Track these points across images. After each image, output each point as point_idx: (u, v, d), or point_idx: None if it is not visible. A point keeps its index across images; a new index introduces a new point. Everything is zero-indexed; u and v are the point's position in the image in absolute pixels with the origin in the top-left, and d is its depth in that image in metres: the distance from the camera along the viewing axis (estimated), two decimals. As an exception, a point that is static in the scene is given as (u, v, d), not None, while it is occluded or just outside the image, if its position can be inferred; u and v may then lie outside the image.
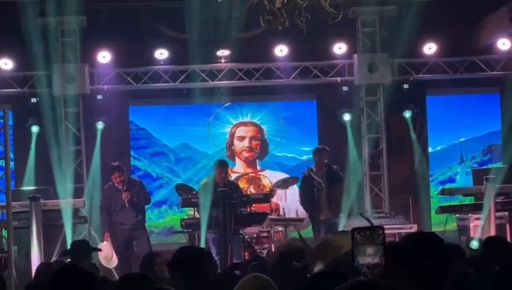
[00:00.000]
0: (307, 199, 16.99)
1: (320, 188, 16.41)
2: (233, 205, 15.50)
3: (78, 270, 4.84)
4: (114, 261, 15.85)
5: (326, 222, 16.57)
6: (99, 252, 15.56)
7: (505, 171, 16.48)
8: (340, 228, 16.10)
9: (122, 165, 16.74)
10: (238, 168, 19.24)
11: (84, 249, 11.78)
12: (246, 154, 19.64)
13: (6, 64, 18.25)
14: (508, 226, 16.27)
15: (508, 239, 14.65)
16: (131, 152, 19.27)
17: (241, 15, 13.20)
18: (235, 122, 19.59)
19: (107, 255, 15.95)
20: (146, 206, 17.05)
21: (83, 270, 4.86)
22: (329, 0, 10.65)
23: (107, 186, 16.68)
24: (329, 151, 16.98)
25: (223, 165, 16.20)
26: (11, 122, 15.30)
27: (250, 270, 11.41)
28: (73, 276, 4.73)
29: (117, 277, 13.58)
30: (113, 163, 16.62)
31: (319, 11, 10.78)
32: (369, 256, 4.54)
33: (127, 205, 16.29)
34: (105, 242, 16.23)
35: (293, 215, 18.39)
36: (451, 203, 17.27)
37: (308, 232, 17.64)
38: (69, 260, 11.73)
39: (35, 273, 9.66)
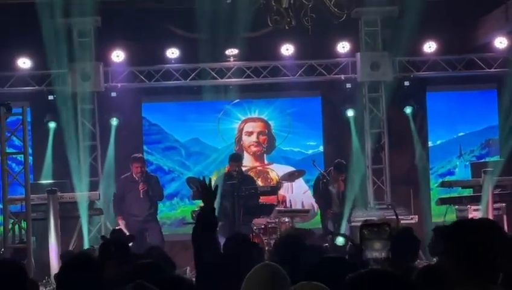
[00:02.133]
0: (320, 200, 17.35)
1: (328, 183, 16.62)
2: (242, 197, 15.56)
3: (86, 260, 4.84)
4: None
5: (334, 215, 16.68)
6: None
7: (502, 164, 16.49)
8: (345, 220, 16.20)
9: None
10: (247, 162, 19.20)
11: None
12: (253, 148, 19.62)
13: (24, 63, 18.27)
14: (505, 217, 16.28)
15: (506, 229, 14.63)
16: (144, 147, 19.26)
17: (249, 15, 13.20)
18: (243, 118, 19.56)
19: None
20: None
21: (91, 260, 4.86)
22: (333, 1, 10.65)
23: (124, 177, 16.71)
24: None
25: (235, 159, 16.30)
26: (29, 119, 15.37)
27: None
28: (81, 266, 4.74)
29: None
30: (135, 155, 16.71)
31: (323, 11, 10.77)
32: (376, 250, 4.55)
33: (142, 196, 16.30)
34: (119, 227, 16.27)
35: (299, 207, 18.41)
36: (451, 195, 17.30)
37: (312, 223, 17.72)
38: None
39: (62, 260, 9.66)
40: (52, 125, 18.19)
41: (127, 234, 15.92)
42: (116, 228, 16.16)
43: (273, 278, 4.68)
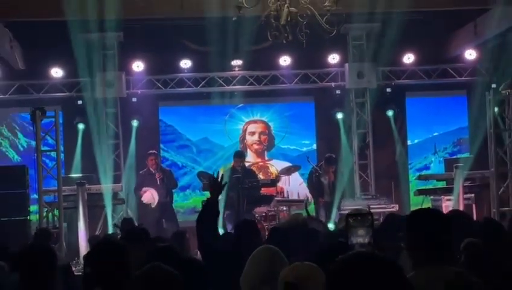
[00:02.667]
0: (313, 190, 17.33)
1: (320, 177, 16.56)
2: (246, 189, 15.56)
3: (113, 245, 4.82)
4: (155, 202, 16.05)
5: (325, 203, 16.64)
6: (143, 197, 15.95)
7: (471, 160, 16.45)
8: (335, 208, 16.20)
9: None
10: (249, 158, 19.18)
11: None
12: (256, 146, 19.60)
13: (57, 72, 18.29)
14: (474, 205, 16.27)
15: (475, 217, 14.62)
16: (161, 145, 19.23)
17: (252, 31, 13.17)
18: (247, 120, 19.55)
19: (149, 199, 16.20)
20: (173, 190, 17.08)
21: (118, 242, 4.85)
22: (325, 19, 10.61)
23: (143, 172, 16.75)
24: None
25: (239, 156, 16.32)
26: (61, 121, 15.36)
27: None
28: (109, 249, 4.72)
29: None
30: (150, 151, 16.75)
31: (316, 28, 10.73)
32: (360, 236, 4.55)
33: (158, 183, 16.32)
34: (145, 192, 16.37)
35: (295, 197, 18.40)
36: (427, 187, 17.29)
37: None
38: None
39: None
40: (81, 126, 18.20)
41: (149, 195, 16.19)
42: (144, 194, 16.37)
43: (272, 259, 4.67)
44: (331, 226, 15.40)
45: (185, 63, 18.50)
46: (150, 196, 16.32)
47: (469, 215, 9.48)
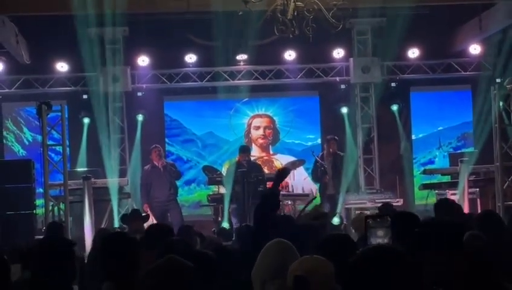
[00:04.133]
0: (316, 180, 17.25)
1: (325, 171, 16.44)
2: (251, 183, 15.54)
3: (124, 237, 4.82)
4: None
5: (330, 196, 16.57)
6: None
7: (476, 154, 16.43)
8: (340, 202, 16.15)
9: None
10: (254, 152, 19.17)
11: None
12: (260, 141, 19.59)
13: (62, 67, 18.30)
14: (478, 200, 16.24)
15: (479, 211, 14.59)
16: (166, 139, 19.23)
17: (257, 25, 13.15)
18: (251, 114, 19.53)
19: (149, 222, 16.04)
20: (178, 184, 17.05)
21: (128, 237, 4.85)
22: (331, 13, 10.60)
23: (147, 167, 16.72)
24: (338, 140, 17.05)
25: (244, 151, 16.28)
26: (66, 115, 15.30)
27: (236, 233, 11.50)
28: (121, 241, 4.72)
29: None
30: (153, 145, 16.75)
31: (323, 22, 10.73)
32: (380, 237, 4.56)
33: (162, 172, 16.26)
34: (146, 212, 16.27)
35: (299, 191, 18.36)
36: (432, 182, 17.27)
37: (311, 205, 17.62)
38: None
39: (95, 237, 9.61)
40: (86, 120, 18.22)
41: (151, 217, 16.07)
42: (144, 214, 16.23)
43: (284, 253, 4.65)
44: (336, 220, 15.38)
45: (190, 58, 18.49)
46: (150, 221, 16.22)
47: (459, 206, 9.52)
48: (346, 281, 2.91)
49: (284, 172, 7.07)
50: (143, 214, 12.66)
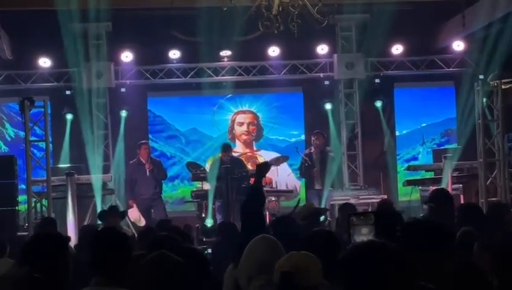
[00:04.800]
0: (304, 175, 17.08)
1: (311, 166, 16.41)
2: (234, 179, 15.51)
3: (115, 232, 4.81)
4: (142, 222, 15.88)
5: (317, 191, 16.53)
6: (130, 216, 15.68)
7: (459, 151, 16.49)
8: (324, 198, 16.14)
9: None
10: (238, 148, 19.17)
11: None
12: (244, 137, 19.58)
13: (45, 62, 18.22)
14: (462, 196, 16.30)
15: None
16: (150, 135, 19.19)
17: (242, 21, 13.14)
18: (235, 110, 19.52)
19: (136, 218, 16.05)
20: (162, 180, 17.03)
21: (119, 231, 4.84)
22: (316, 9, 10.60)
23: (132, 162, 16.70)
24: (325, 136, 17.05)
25: (225, 149, 16.19)
26: (49, 111, 15.22)
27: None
28: (111, 236, 4.71)
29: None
30: (141, 141, 16.74)
31: (308, 18, 10.72)
32: (363, 235, 4.56)
33: (148, 175, 16.26)
34: (132, 208, 16.24)
35: (283, 187, 18.33)
36: (415, 178, 17.30)
37: (295, 202, 17.63)
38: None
39: (80, 233, 9.56)
40: (69, 116, 18.16)
41: (137, 213, 16.06)
42: (129, 209, 16.20)
43: (270, 249, 4.65)
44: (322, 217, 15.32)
45: (174, 54, 18.45)
46: (138, 215, 16.18)
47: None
48: (339, 276, 2.92)
49: (264, 167, 7.03)
50: (120, 210, 12.60)
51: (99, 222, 14.75)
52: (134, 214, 16.09)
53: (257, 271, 4.56)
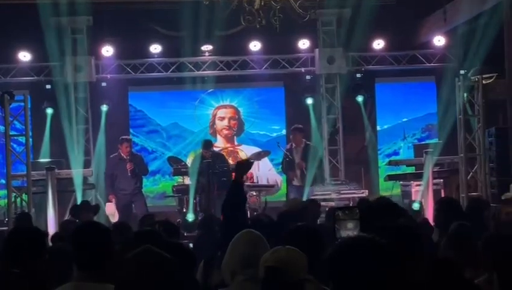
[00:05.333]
0: (286, 170, 17.01)
1: (291, 161, 16.36)
2: (215, 174, 15.49)
3: (97, 226, 4.79)
4: (116, 217, 15.81)
5: (296, 187, 16.49)
6: (106, 210, 15.63)
7: (440, 146, 16.52)
8: (305, 193, 16.11)
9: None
10: (219, 143, 19.16)
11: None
12: (225, 131, 19.57)
13: (25, 56, 18.12)
14: (442, 191, 16.34)
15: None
16: (131, 130, 19.14)
17: (223, 15, 13.12)
18: (216, 105, 19.50)
19: (111, 212, 15.99)
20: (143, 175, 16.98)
21: (101, 225, 4.82)
22: (298, 3, 10.60)
23: (113, 156, 16.62)
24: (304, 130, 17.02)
25: (205, 146, 16.09)
26: (29, 105, 15.15)
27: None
28: (93, 230, 4.69)
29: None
30: (124, 136, 16.62)
31: (290, 12, 10.71)
32: (349, 229, 4.56)
33: (129, 174, 16.21)
34: (110, 203, 16.19)
35: (264, 182, 18.32)
36: (396, 173, 17.32)
37: (276, 197, 17.70)
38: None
39: (60, 228, 9.50)
40: (49, 111, 18.07)
41: (113, 208, 16.01)
42: (109, 203, 16.16)
43: (254, 244, 4.64)
44: None
45: (155, 48, 18.40)
46: (113, 210, 16.12)
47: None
48: (325, 272, 2.92)
49: (246, 165, 7.03)
50: (93, 205, 12.56)
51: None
52: (109, 209, 16.05)
53: (241, 266, 4.55)
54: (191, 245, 10.51)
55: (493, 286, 4.83)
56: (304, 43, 18.61)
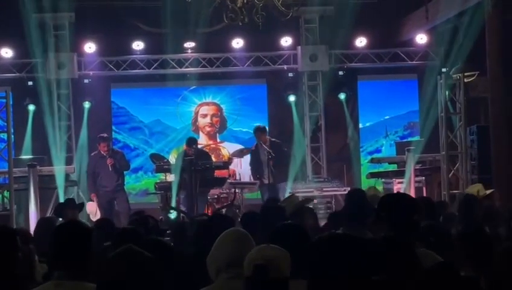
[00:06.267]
0: (253, 168, 16.85)
1: (270, 157, 16.20)
2: (198, 171, 15.45)
3: (78, 225, 4.76)
4: (97, 216, 15.73)
5: (270, 186, 16.33)
6: (87, 208, 15.56)
7: (422, 143, 16.59)
8: (287, 191, 16.06)
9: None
10: (202, 140, 19.13)
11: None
12: (208, 129, 19.56)
13: (7, 52, 18.04)
14: (424, 188, 16.40)
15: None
16: (113, 127, 19.11)
17: (206, 13, 13.11)
18: (199, 102, 19.49)
19: (92, 211, 15.92)
20: (125, 172, 16.90)
21: (82, 224, 4.79)
22: (281, 1, 10.60)
23: (94, 154, 16.52)
24: (266, 129, 16.88)
25: (189, 143, 16.04)
26: (11, 102, 15.07)
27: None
28: (74, 229, 4.66)
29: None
30: (101, 134, 16.49)
31: (272, 10, 10.71)
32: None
33: (110, 170, 16.13)
34: (91, 201, 16.12)
35: (247, 179, 18.29)
36: (379, 170, 17.37)
37: (258, 194, 17.65)
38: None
39: (37, 226, 9.42)
40: (31, 107, 18.02)
41: (94, 207, 15.94)
42: (90, 202, 16.09)
43: (240, 242, 4.63)
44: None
45: (138, 45, 18.36)
46: (95, 209, 16.05)
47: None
48: (308, 264, 2.94)
49: None
50: (77, 203, 12.48)
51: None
52: (90, 207, 15.98)
53: (226, 264, 4.54)
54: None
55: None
56: (286, 41, 18.61)
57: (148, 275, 3.23)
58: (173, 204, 15.34)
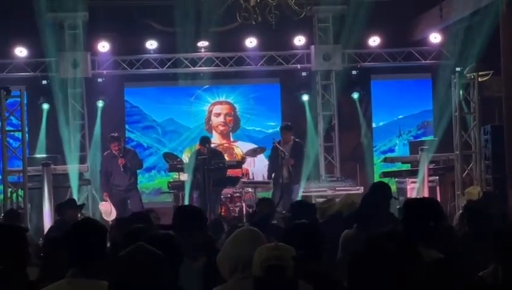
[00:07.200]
0: (270, 166, 16.83)
1: (284, 156, 16.18)
2: (211, 170, 15.46)
3: (93, 223, 4.78)
4: (113, 215, 15.75)
5: (284, 186, 16.28)
6: (101, 208, 15.59)
7: (436, 143, 16.55)
8: (301, 190, 16.05)
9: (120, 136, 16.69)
10: (215, 139, 19.13)
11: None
12: (221, 128, 19.56)
13: (21, 52, 18.10)
14: (438, 188, 16.35)
15: (438, 199, 14.66)
16: (126, 126, 19.14)
17: (219, 12, 13.12)
18: (212, 101, 19.49)
19: (106, 211, 15.95)
20: (138, 171, 16.91)
21: (98, 223, 4.81)
22: (294, 0, 10.60)
23: (106, 154, 16.55)
24: (293, 127, 16.89)
25: (203, 142, 16.03)
26: (25, 101, 15.14)
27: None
28: (91, 227, 4.68)
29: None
30: (112, 134, 16.48)
31: (286, 9, 10.71)
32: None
33: (122, 169, 16.16)
34: (104, 201, 16.15)
35: (260, 179, 18.30)
36: (392, 170, 17.34)
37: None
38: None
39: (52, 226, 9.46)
40: (45, 106, 18.07)
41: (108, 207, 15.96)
42: (103, 202, 16.12)
43: (256, 242, 4.59)
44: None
45: (151, 44, 18.38)
46: (109, 209, 16.05)
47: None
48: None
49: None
50: (79, 203, 12.53)
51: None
52: (104, 207, 16.02)
53: (242, 265, 4.51)
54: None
55: (498, 278, 4.84)
56: (299, 40, 18.60)
57: (157, 274, 3.24)
58: (186, 203, 15.37)
